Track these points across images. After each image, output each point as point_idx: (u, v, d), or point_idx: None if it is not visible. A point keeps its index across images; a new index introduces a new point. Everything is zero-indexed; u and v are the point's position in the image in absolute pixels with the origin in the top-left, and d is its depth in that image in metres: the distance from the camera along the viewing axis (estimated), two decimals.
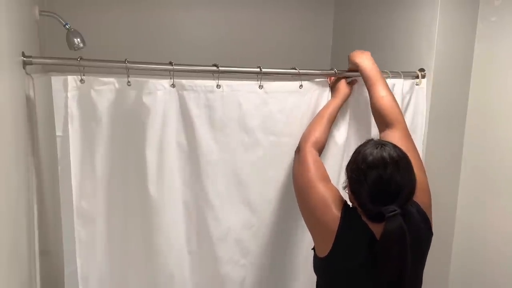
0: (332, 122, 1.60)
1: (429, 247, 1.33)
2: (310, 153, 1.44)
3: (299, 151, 1.50)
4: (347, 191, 1.29)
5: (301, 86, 1.58)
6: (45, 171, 1.41)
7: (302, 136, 1.55)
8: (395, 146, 1.23)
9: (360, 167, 1.20)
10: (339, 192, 1.34)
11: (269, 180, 1.59)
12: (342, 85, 1.65)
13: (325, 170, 1.42)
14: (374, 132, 1.65)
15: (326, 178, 1.38)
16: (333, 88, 1.67)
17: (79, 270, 1.43)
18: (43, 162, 1.41)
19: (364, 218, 1.24)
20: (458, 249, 2.04)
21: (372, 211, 1.20)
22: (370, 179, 1.18)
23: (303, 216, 1.40)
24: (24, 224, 1.18)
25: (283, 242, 1.64)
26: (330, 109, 1.60)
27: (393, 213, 1.14)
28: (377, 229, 1.21)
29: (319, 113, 1.61)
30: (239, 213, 1.56)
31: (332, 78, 1.68)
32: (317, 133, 1.52)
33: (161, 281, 1.49)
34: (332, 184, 1.38)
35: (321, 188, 1.33)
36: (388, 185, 1.17)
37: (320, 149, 1.52)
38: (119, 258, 1.48)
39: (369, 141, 1.27)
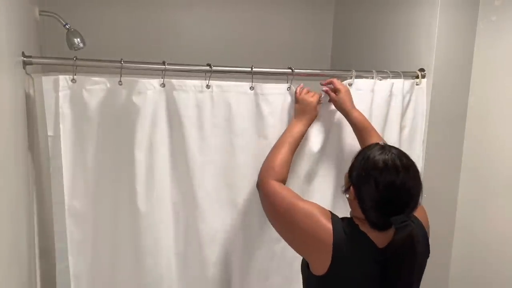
0: (295, 150, 1.47)
1: (425, 267, 1.26)
2: (275, 184, 1.34)
3: (260, 186, 1.38)
4: (347, 196, 1.23)
5: (289, 88, 1.56)
6: (45, 171, 1.42)
7: (262, 168, 1.42)
8: (403, 152, 1.19)
9: (370, 172, 1.15)
10: (320, 205, 1.26)
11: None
12: (311, 107, 1.52)
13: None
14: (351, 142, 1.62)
15: (300, 197, 1.29)
16: (300, 104, 1.53)
17: (71, 268, 1.43)
18: (42, 162, 1.41)
19: (363, 228, 1.18)
20: (458, 250, 2.03)
21: (379, 219, 1.15)
22: (381, 186, 1.13)
23: (293, 245, 1.26)
24: (24, 224, 1.18)
25: (270, 245, 1.61)
26: (294, 136, 1.47)
27: (404, 223, 1.11)
28: (377, 238, 1.17)
29: (281, 140, 1.48)
30: (227, 215, 1.55)
31: (303, 89, 1.54)
32: (278, 168, 1.39)
33: (150, 281, 1.48)
34: (308, 200, 1.29)
35: (301, 205, 1.24)
36: (400, 192, 1.13)
37: (284, 182, 1.39)
38: (110, 257, 1.47)
39: (375, 146, 1.21)
